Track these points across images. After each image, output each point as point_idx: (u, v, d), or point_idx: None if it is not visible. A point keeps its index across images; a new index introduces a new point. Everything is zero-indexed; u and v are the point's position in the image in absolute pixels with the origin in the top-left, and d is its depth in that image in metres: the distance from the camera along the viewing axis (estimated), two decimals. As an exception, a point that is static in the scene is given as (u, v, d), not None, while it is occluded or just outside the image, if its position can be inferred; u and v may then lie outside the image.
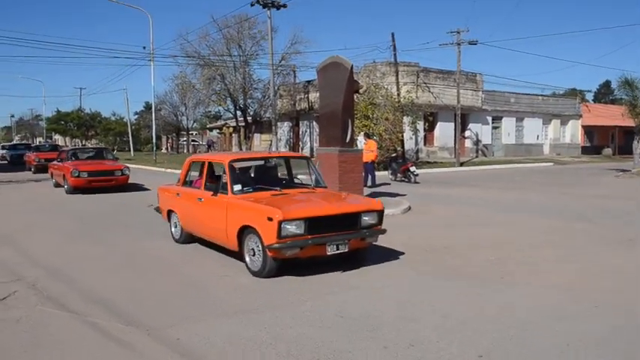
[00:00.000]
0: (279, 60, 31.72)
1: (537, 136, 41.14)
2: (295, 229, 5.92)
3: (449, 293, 5.60)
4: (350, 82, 11.47)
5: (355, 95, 12.76)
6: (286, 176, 8.24)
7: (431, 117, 31.64)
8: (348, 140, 11.57)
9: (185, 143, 58.74)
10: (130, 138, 51.75)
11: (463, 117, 32.34)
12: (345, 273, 6.32)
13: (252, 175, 7.77)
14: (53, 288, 5.93)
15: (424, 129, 32.01)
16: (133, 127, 57.71)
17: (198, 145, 61.58)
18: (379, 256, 7.07)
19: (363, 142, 17.30)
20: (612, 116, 38.35)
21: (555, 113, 42.43)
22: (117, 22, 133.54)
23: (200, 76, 34.03)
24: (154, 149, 36.14)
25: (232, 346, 4.27)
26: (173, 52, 50.27)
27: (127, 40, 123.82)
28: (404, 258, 7.13)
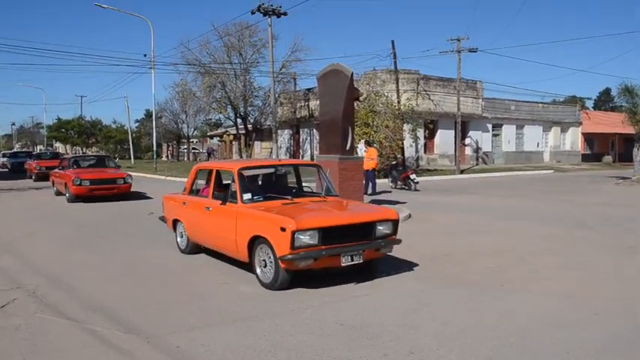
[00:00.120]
0: (279, 68, 31.86)
1: (537, 144, 41.20)
2: (309, 240, 5.73)
3: (449, 301, 5.60)
4: (350, 90, 11.52)
5: (355, 103, 12.80)
6: (296, 184, 8.01)
7: (431, 124, 31.72)
8: (349, 148, 11.60)
9: (186, 151, 58.85)
10: (131, 146, 51.85)
11: (463, 124, 32.41)
12: (343, 280, 6.28)
13: (261, 184, 7.57)
14: (53, 295, 5.93)
15: (424, 136, 32.07)
16: (134, 135, 57.84)
17: (198, 153, 61.68)
18: (378, 264, 7.04)
19: (364, 150, 17.34)
20: (612, 124, 38.40)
21: (555, 121, 42.51)
22: (118, 30, 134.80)
23: (201, 84, 34.15)
24: (155, 157, 36.20)
25: (232, 354, 4.26)
26: (174, 60, 50.53)
27: (128, 48, 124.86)
28: (404, 266, 7.12)
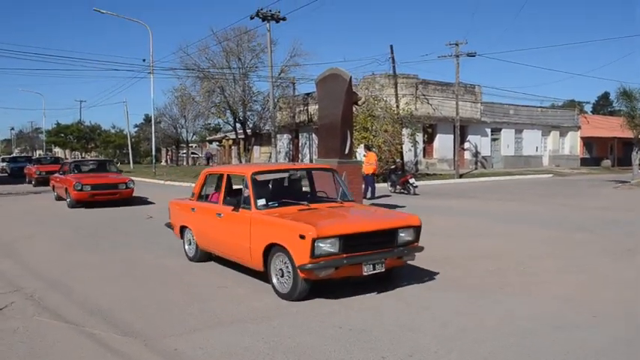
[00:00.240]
0: (278, 72, 31.84)
1: (536, 148, 41.21)
2: (329, 248, 5.46)
3: (449, 303, 5.58)
4: (349, 94, 11.53)
5: (354, 107, 12.83)
6: (309, 189, 7.70)
7: (430, 129, 31.73)
8: (347, 151, 11.60)
9: (185, 156, 58.84)
10: (130, 150, 51.85)
11: (462, 129, 32.42)
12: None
13: (275, 189, 7.22)
14: (51, 299, 5.92)
15: (423, 141, 32.06)
16: (133, 140, 57.86)
17: (197, 158, 61.68)
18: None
19: (363, 154, 17.35)
20: (611, 128, 38.40)
21: (554, 125, 42.54)
22: (117, 35, 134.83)
23: (200, 89, 34.13)
24: (154, 162, 36.18)
25: (230, 356, 4.24)
26: (173, 65, 50.61)
27: (127, 53, 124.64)
28: (403, 269, 7.08)
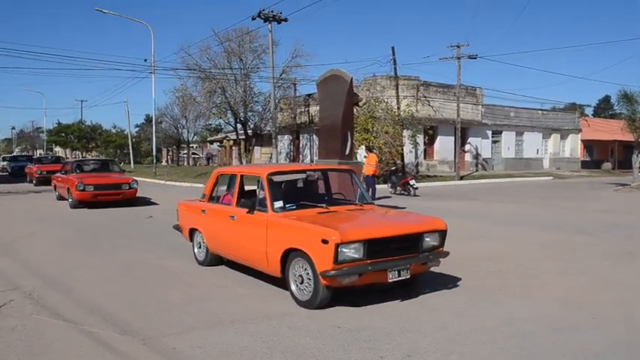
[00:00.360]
0: (279, 73, 31.86)
1: (537, 150, 41.21)
2: (353, 253, 5.18)
3: (448, 305, 5.57)
4: (349, 95, 11.54)
5: (355, 108, 12.84)
6: (325, 191, 7.40)
7: (431, 130, 31.72)
8: (348, 152, 11.60)
9: (185, 156, 58.88)
10: (131, 150, 51.88)
11: (463, 131, 32.41)
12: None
13: (291, 190, 6.96)
14: (50, 297, 5.91)
15: (424, 142, 32.06)
16: (134, 140, 57.90)
17: (198, 158, 61.72)
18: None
19: (364, 155, 17.35)
20: (612, 131, 38.41)
21: (555, 127, 42.54)
22: (119, 35, 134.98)
23: (201, 89, 34.15)
24: (154, 162, 36.19)
25: (228, 356, 4.23)
26: (174, 65, 50.80)
27: (129, 53, 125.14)
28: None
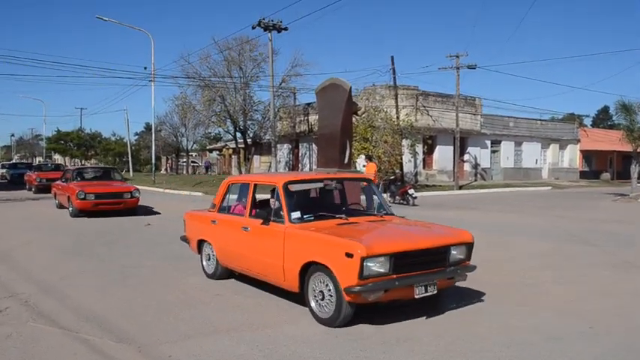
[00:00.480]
0: (279, 82, 31.94)
1: (536, 161, 41.28)
2: (379, 268, 4.89)
3: (445, 314, 5.55)
4: (348, 104, 11.57)
5: (354, 117, 12.85)
6: (341, 201, 7.16)
7: (430, 140, 31.78)
8: (347, 161, 11.61)
9: (185, 164, 58.88)
10: (130, 158, 51.86)
11: (462, 140, 32.48)
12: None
13: (307, 200, 6.74)
14: (46, 304, 5.89)
15: (423, 152, 32.11)
16: (133, 148, 57.88)
17: (197, 167, 61.71)
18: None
19: (363, 165, 17.34)
20: (610, 141, 38.48)
21: (554, 138, 42.65)
22: (119, 43, 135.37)
23: (200, 98, 34.18)
24: (154, 170, 36.18)
25: (224, 364, 4.22)
26: (174, 73, 50.83)
27: (129, 61, 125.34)
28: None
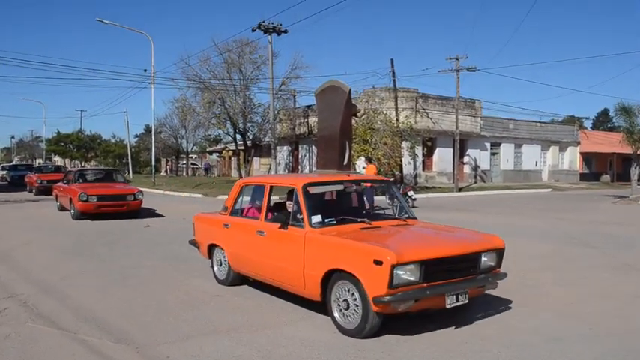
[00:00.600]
0: (279, 84, 31.94)
1: (536, 163, 41.29)
2: (409, 276, 4.61)
3: (445, 316, 5.54)
4: (348, 106, 11.47)
5: (354, 120, 12.84)
6: (360, 204, 6.92)
7: (430, 142, 31.79)
8: (346, 163, 11.58)
9: (184, 166, 58.88)
10: (130, 160, 51.86)
11: (462, 143, 32.49)
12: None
13: (327, 203, 6.44)
14: (45, 305, 5.88)
15: (423, 154, 32.12)
16: (133, 150, 57.86)
17: (197, 169, 61.71)
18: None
19: (363, 167, 17.32)
20: (610, 143, 38.49)
21: (554, 140, 42.66)
22: (119, 45, 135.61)
23: (200, 100, 34.17)
24: (153, 172, 36.18)
25: (223, 365, 4.21)
26: (174, 75, 50.66)
27: (129, 63, 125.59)
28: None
